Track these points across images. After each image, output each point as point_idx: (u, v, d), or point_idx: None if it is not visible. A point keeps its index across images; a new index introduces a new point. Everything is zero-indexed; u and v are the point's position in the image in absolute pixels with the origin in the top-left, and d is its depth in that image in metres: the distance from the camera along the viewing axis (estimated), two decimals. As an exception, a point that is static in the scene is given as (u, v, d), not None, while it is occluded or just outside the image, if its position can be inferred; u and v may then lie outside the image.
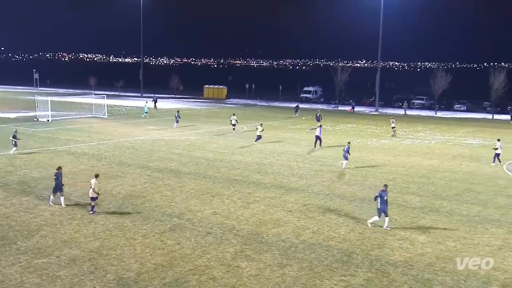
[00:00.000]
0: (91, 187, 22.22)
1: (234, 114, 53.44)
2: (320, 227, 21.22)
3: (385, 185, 21.93)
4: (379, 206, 20.99)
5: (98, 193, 22.34)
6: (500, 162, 36.75)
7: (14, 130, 38.01)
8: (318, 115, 61.00)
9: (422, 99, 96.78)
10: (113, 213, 22.43)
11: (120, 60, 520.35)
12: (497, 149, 37.04)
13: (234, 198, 25.57)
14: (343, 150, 34.17)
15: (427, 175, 32.49)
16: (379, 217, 21.14)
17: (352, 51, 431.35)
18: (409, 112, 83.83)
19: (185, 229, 20.47)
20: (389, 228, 20.94)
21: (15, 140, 35.84)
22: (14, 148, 35.66)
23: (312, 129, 56.20)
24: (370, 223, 21.19)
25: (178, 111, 57.49)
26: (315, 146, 42.18)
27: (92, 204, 22.32)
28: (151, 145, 41.67)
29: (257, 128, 44.47)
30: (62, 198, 23.34)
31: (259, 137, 43.47)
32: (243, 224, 21.32)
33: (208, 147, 41.04)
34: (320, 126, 45.02)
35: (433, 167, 35.29)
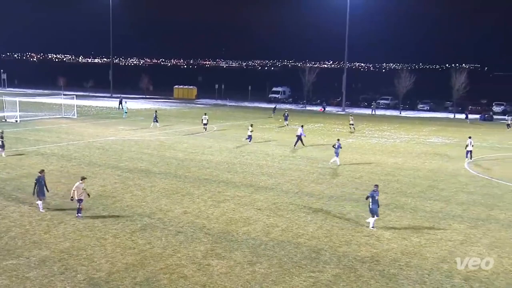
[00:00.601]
0: (73, 190, 21.37)
1: (205, 114, 53.65)
2: (289, 225, 21.34)
3: (376, 185, 22.10)
4: (371, 206, 21.08)
5: (72, 197, 21.58)
6: (471, 158, 37.98)
7: (1, 130, 36.79)
8: (285, 114, 61.59)
9: (387, 99, 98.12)
10: (84, 213, 22.08)
11: (90, 61, 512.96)
12: (467, 145, 38.17)
13: (204, 197, 25.51)
14: (334, 147, 35.03)
15: (392, 173, 32.97)
16: (377, 215, 21.23)
17: (319, 52, 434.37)
18: (377, 112, 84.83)
19: (155, 229, 20.33)
20: (374, 229, 21.03)
21: (2, 140, 34.85)
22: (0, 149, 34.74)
23: (281, 127, 56.49)
24: (372, 227, 21.15)
25: (156, 111, 57.31)
26: (295, 145, 42.51)
27: (79, 206, 21.62)
28: (121, 145, 41.22)
29: (248, 128, 44.70)
30: (40, 203, 22.64)
31: (250, 137, 43.76)
32: (214, 223, 21.28)
33: (178, 147, 40.81)
34: (302, 126, 45.39)
35: (398, 165, 35.83)
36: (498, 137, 54.71)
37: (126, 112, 65.14)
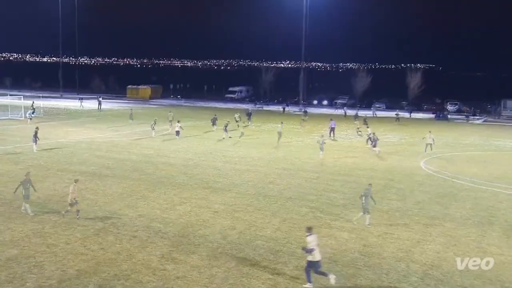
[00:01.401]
0: (71, 193, 21.58)
1: (170, 111, 55.40)
2: (247, 227, 21.37)
3: (370, 184, 23.23)
4: (364, 204, 21.75)
5: (72, 201, 21.57)
6: (431, 149, 41.69)
7: None
8: (248, 112, 62.07)
9: (344, 99, 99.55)
10: (32, 219, 21.54)
11: (38, 60, 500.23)
12: (424, 138, 42.50)
13: (159, 200, 25.26)
14: (319, 143, 38.65)
15: (350, 173, 33.47)
16: (368, 213, 21.92)
17: (276, 52, 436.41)
18: (333, 111, 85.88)
19: (109, 233, 20.01)
20: (370, 226, 21.80)
21: None
22: None
23: (244, 126, 56.46)
24: (367, 224, 21.78)
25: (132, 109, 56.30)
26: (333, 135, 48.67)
27: (76, 209, 21.70)
28: (72, 147, 40.37)
29: (177, 124, 46.98)
30: (28, 206, 22.19)
31: (177, 133, 46.26)
32: (170, 226, 21.10)
33: (132, 149, 40.29)
34: (282, 122, 49.36)
35: (355, 165, 36.39)
36: (452, 134, 56.28)
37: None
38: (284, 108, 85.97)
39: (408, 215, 23.85)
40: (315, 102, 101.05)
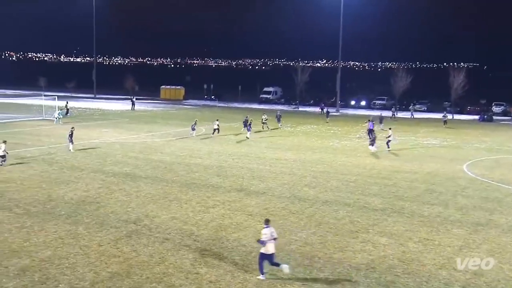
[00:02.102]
0: None
1: (217, 120, 52.28)
2: (281, 231, 21.30)
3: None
4: None
5: None
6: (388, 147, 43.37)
7: None
8: (278, 115, 62.13)
9: (383, 99, 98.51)
10: (66, 220, 21.99)
11: (72, 60, 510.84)
12: (389, 136, 44.18)
13: (192, 202, 25.45)
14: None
15: (389, 176, 33.08)
16: None
17: (312, 51, 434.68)
18: (372, 113, 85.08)
19: (142, 236, 20.26)
20: None
21: None
22: None
23: (274, 129, 56.48)
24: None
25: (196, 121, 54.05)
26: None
27: None
28: (106, 148, 41.07)
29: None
30: None
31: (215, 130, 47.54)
32: (203, 229, 21.23)
33: (165, 150, 40.73)
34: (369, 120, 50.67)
35: (394, 168, 35.95)
36: (498, 137, 55.08)
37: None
38: (322, 109, 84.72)
39: (450, 221, 23.42)
40: (352, 102, 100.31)
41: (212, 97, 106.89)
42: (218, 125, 50.64)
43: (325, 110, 78.68)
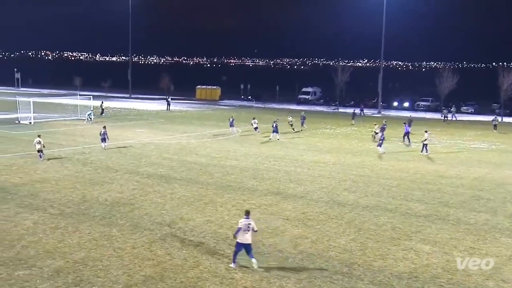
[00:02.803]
0: None
1: (254, 118, 54.96)
2: (320, 237, 21.22)
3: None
4: None
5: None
6: (427, 151, 42.42)
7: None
8: (302, 117, 61.08)
9: (427, 101, 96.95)
10: (100, 221, 22.37)
11: (107, 59, 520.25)
12: (425, 140, 42.66)
13: (228, 205, 25.55)
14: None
15: (433, 181, 32.54)
16: None
17: (353, 50, 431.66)
18: (415, 114, 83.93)
19: (176, 239, 20.44)
20: None
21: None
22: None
23: (297, 131, 56.25)
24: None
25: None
26: (405, 141, 48.68)
27: None
28: (140, 149, 41.63)
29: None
30: None
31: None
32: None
33: (200, 152, 41.03)
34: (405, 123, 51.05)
35: (439, 172, 35.35)
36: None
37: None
38: (362, 111, 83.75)
39: (498, 229, 22.88)
40: (395, 104, 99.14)
41: (249, 97, 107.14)
42: (256, 123, 53.43)
43: (363, 111, 78.10)
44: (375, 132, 51.67)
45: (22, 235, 20.39)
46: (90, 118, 60.00)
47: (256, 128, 53.35)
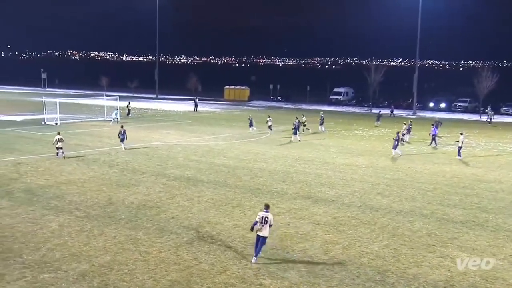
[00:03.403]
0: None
1: (269, 116, 56.79)
2: (351, 242, 21.08)
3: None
4: None
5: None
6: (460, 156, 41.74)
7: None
8: (321, 117, 60.80)
9: (465, 101, 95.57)
10: (126, 224, 22.59)
11: (134, 59, 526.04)
12: (459, 142, 42.07)
13: (256, 209, 25.51)
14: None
15: (471, 185, 32.05)
16: None
17: (387, 49, 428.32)
18: (452, 116, 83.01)
19: (203, 243, 20.51)
20: None
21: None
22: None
23: (315, 133, 55.92)
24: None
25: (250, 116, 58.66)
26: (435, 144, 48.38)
27: None
28: (167, 151, 41.94)
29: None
30: None
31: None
32: (267, 238, 21.23)
33: (228, 154, 41.14)
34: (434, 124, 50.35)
35: (477, 176, 34.81)
36: None
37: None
38: (392, 112, 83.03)
39: (541, 237, 22.42)
40: (431, 104, 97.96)
41: (279, 97, 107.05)
42: (271, 120, 55.84)
43: (393, 113, 77.29)
44: (402, 133, 50.54)
45: (47, 238, 20.71)
46: (117, 119, 60.66)
47: (270, 127, 55.20)
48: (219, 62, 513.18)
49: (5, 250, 19.22)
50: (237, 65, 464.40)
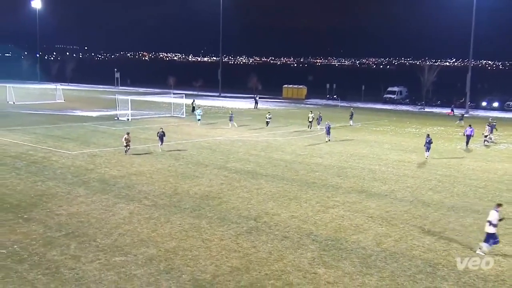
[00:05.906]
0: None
1: (311, 112, 57.48)
2: (403, 235, 20.72)
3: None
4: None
5: None
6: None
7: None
8: (351, 113, 61.31)
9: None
10: (190, 213, 22.95)
11: (199, 60, 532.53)
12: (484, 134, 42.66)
13: (312, 202, 25.47)
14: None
15: (523, 183, 30.90)
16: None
17: (440, 49, 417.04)
18: (505, 115, 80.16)
19: (261, 232, 20.62)
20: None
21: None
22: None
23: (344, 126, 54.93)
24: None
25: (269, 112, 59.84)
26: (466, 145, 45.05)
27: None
28: (229, 145, 42.30)
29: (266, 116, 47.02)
30: None
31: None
32: (321, 229, 21.18)
33: (286, 149, 41.13)
34: (470, 125, 47.16)
35: (529, 174, 33.52)
36: None
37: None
38: (452, 110, 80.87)
39: None
40: (484, 104, 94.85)
41: (335, 96, 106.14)
42: (313, 117, 55.47)
43: (453, 111, 75.21)
44: (483, 135, 47.92)
45: (119, 224, 21.29)
46: (199, 119, 57.68)
47: (311, 122, 55.12)
48: (278, 63, 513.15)
49: (81, 234, 19.89)
50: (295, 65, 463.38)
